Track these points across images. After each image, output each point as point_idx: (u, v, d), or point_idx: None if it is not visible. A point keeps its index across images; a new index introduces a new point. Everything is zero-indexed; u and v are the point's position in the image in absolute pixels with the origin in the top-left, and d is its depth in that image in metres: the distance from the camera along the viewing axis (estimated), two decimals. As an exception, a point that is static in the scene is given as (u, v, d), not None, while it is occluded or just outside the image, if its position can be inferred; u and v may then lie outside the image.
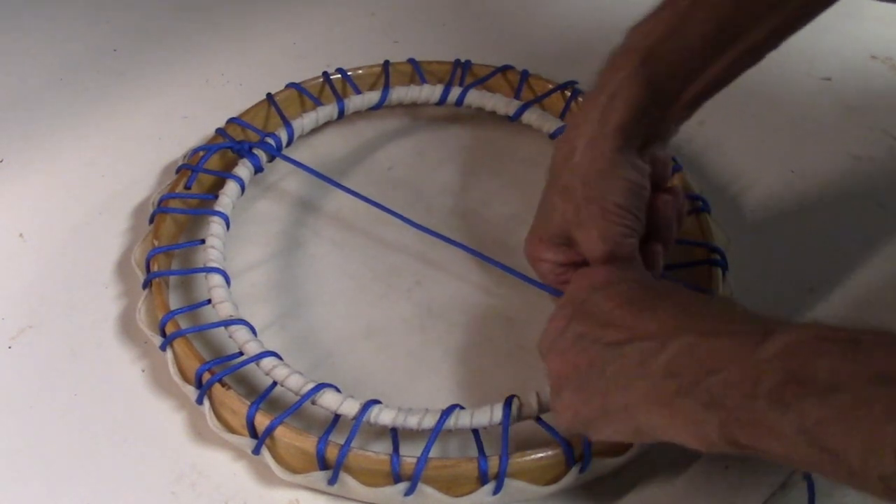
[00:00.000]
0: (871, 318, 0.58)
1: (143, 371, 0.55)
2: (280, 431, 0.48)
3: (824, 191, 0.66)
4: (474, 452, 0.48)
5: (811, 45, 0.75)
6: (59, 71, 0.73)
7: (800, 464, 0.36)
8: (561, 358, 0.44)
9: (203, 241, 0.58)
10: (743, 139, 0.69)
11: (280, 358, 0.52)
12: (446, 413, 0.49)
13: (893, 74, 0.74)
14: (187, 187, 0.61)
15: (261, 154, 0.63)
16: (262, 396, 0.50)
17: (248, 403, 0.49)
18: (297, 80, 0.68)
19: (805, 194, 0.66)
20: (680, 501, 0.49)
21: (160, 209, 0.60)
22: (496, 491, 0.48)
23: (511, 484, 0.48)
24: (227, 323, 0.53)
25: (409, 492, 0.47)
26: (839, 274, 0.61)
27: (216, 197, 0.60)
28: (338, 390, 0.50)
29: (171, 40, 0.76)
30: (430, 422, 0.49)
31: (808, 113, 0.71)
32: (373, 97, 0.68)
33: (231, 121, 0.65)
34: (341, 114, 0.67)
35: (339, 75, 0.68)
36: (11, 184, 0.65)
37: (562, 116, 0.68)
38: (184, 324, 0.54)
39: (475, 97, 0.68)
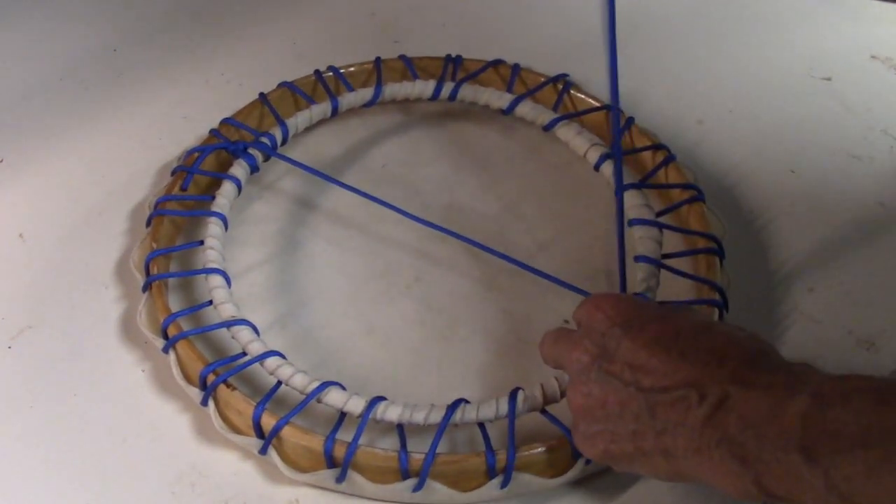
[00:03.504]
0: (871, 318, 0.58)
1: (144, 372, 0.55)
2: (287, 431, 0.48)
3: (824, 191, 0.66)
4: (479, 447, 0.48)
5: (811, 45, 0.75)
6: (59, 71, 0.73)
7: None
8: (585, 393, 0.44)
9: (202, 243, 0.58)
10: (743, 139, 0.69)
11: (284, 357, 0.52)
12: (452, 408, 0.49)
13: (893, 74, 0.74)
14: (183, 189, 0.61)
15: (256, 154, 0.63)
16: (267, 396, 0.50)
17: (254, 404, 0.49)
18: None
19: (805, 194, 0.66)
20: (684, 492, 0.50)
21: (157, 211, 0.59)
22: (504, 485, 0.48)
23: (519, 477, 0.48)
24: (230, 324, 0.53)
25: (417, 487, 0.48)
26: (839, 274, 0.61)
27: (213, 198, 0.60)
28: (342, 388, 0.50)
29: (171, 40, 0.76)
30: (436, 417, 0.49)
31: (808, 113, 0.71)
32: (366, 94, 0.67)
33: (225, 121, 0.65)
34: (335, 111, 0.67)
35: (332, 73, 0.68)
36: (11, 184, 0.65)
37: (555, 109, 0.68)
38: (185, 325, 0.54)
39: (468, 92, 0.68)
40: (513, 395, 0.49)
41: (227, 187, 0.60)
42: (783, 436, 0.37)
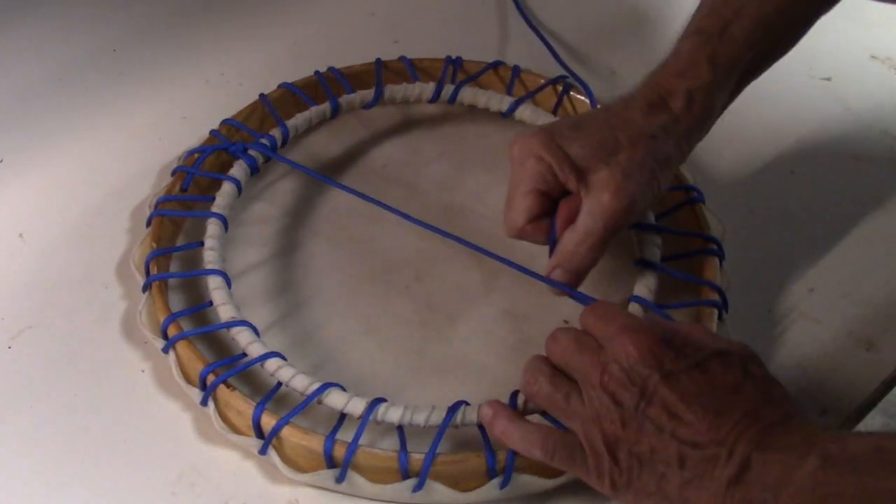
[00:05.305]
0: (871, 318, 0.59)
1: (144, 371, 0.55)
2: (287, 431, 0.48)
3: (824, 191, 0.66)
4: (479, 447, 0.48)
5: (811, 45, 0.75)
6: (59, 71, 0.73)
7: None
8: (617, 424, 0.44)
9: (202, 243, 0.57)
10: (743, 139, 0.69)
11: (284, 358, 0.52)
12: (453, 409, 0.49)
13: (893, 74, 0.75)
14: (184, 189, 0.61)
15: (256, 155, 0.63)
16: (267, 396, 0.50)
17: (254, 404, 0.49)
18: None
19: (805, 194, 0.66)
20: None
21: (157, 212, 0.59)
22: (504, 485, 0.48)
23: (518, 478, 0.48)
24: (230, 324, 0.53)
25: (417, 488, 0.48)
26: (839, 274, 0.61)
27: (213, 199, 0.60)
28: (343, 389, 0.50)
29: (171, 40, 0.76)
30: (437, 418, 0.49)
31: (808, 113, 0.71)
32: (366, 95, 0.67)
33: (225, 122, 0.65)
34: (335, 112, 0.67)
35: (332, 74, 0.68)
36: (11, 184, 0.65)
37: (554, 111, 0.68)
38: (185, 326, 0.54)
39: (468, 94, 0.68)
40: (513, 397, 0.49)
41: (227, 188, 0.60)
42: (796, 498, 0.39)
